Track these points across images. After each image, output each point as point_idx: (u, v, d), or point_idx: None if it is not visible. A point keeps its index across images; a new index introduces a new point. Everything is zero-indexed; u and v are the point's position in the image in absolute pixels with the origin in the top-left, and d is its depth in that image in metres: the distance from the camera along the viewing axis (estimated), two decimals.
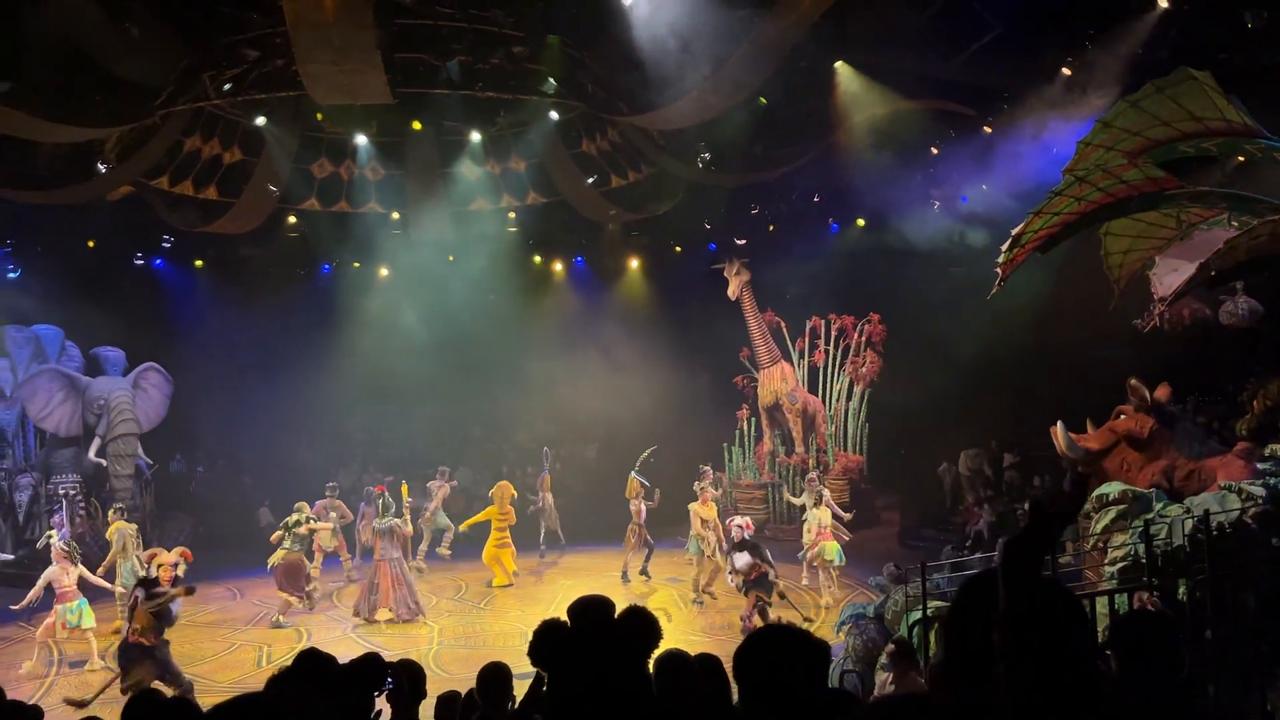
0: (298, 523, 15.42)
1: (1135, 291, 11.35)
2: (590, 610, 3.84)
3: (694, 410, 23.62)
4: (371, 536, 18.16)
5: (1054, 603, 1.66)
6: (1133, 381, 11.30)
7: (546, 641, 3.54)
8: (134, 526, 15.25)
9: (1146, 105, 8.80)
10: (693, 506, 15.94)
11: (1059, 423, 11.55)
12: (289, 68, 15.28)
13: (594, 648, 2.58)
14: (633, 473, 17.42)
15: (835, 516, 15.65)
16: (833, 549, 15.10)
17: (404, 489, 16.27)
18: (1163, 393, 11.30)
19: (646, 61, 14.39)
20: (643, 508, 17.05)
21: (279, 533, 15.51)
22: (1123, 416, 11.40)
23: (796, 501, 17.63)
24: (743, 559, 13.03)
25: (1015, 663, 1.61)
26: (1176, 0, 12.39)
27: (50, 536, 13.92)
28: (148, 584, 10.28)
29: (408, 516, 15.63)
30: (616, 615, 3.85)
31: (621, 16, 13.77)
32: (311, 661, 4.41)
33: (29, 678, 12.04)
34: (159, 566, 10.48)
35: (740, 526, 13.49)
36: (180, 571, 10.58)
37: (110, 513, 15.35)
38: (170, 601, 10.18)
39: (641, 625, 3.64)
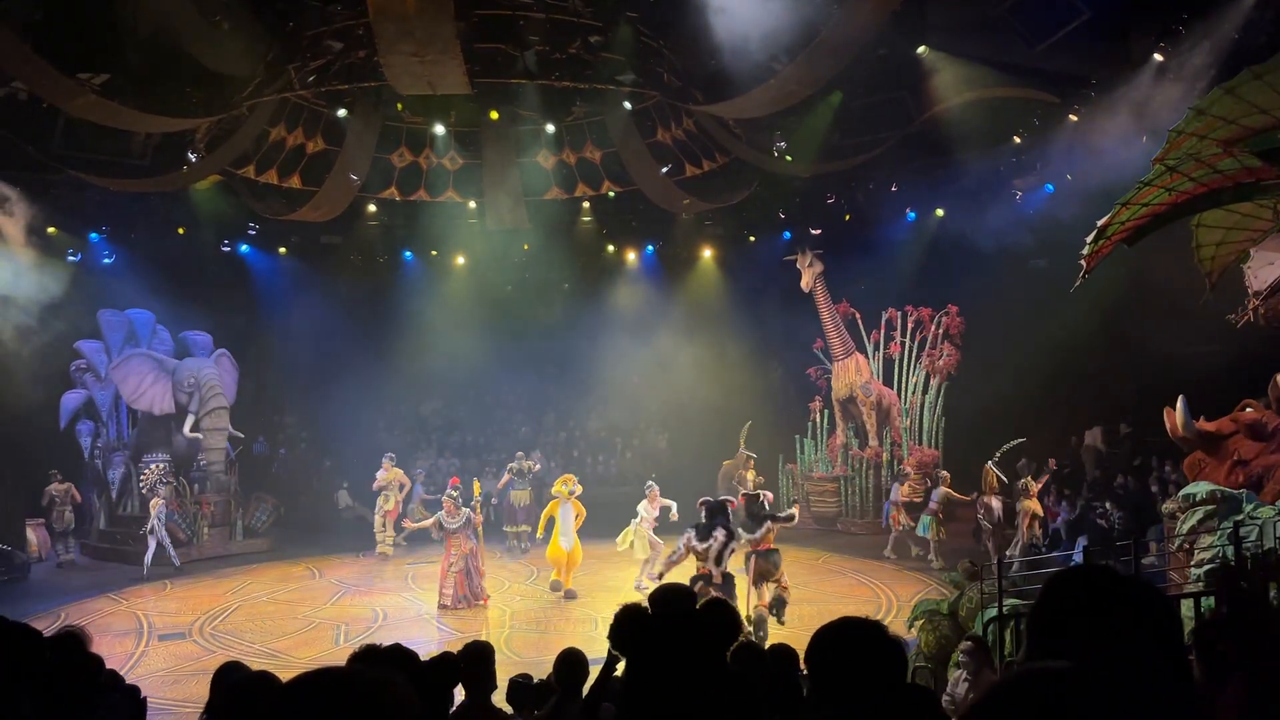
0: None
1: (1228, 286, 10.96)
2: (672, 599, 3.85)
3: (767, 401, 23.51)
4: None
5: (1145, 602, 1.63)
6: (1279, 378, 10.93)
7: (627, 626, 3.55)
8: None
9: (1243, 92, 8.45)
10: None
11: (1180, 400, 11.26)
12: (371, 59, 15.58)
13: (675, 636, 2.59)
14: (990, 464, 16.34)
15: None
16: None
17: (475, 486, 16.50)
18: None
19: (723, 50, 14.32)
20: (995, 504, 15.86)
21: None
22: (1249, 409, 11.08)
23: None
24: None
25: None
26: None
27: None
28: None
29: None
30: (698, 606, 3.85)
31: (699, 4, 13.71)
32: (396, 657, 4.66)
33: None
34: None
35: None
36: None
37: None
38: None
39: (722, 618, 3.65)
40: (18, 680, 2.91)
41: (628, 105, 18.67)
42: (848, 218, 21.94)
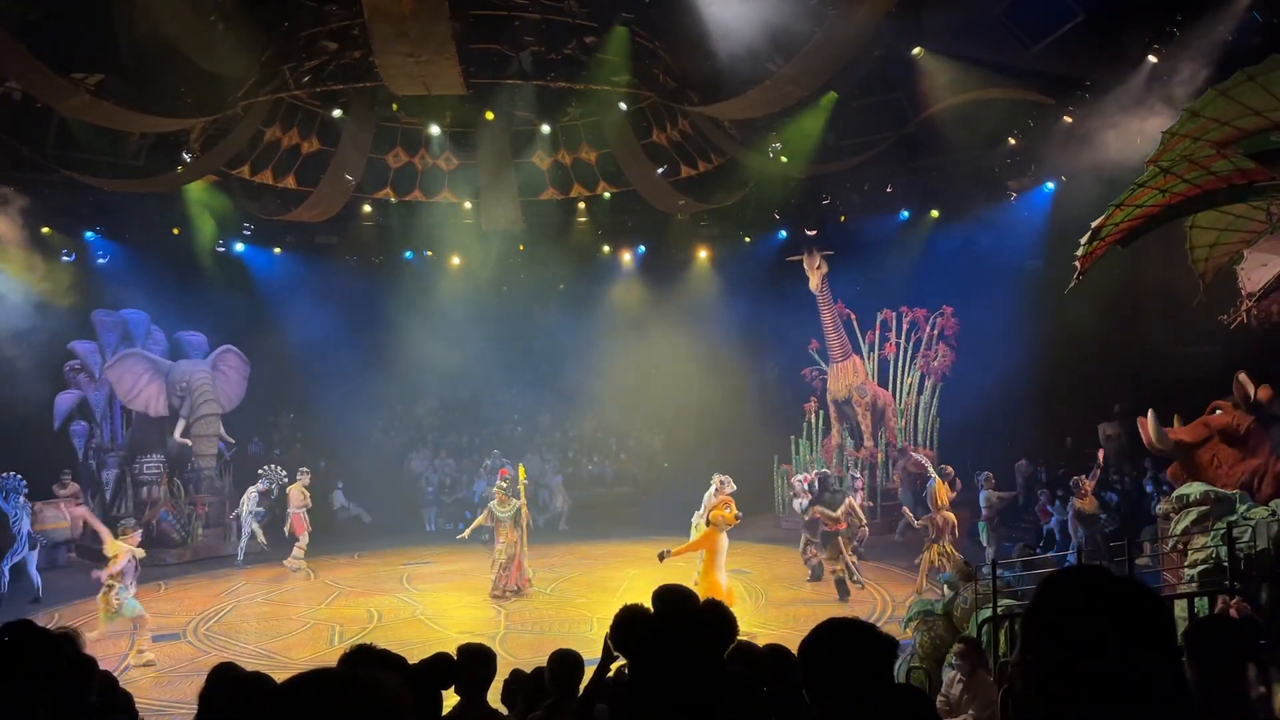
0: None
1: (1222, 287, 10.99)
2: (677, 600, 3.84)
3: (761, 402, 23.52)
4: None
5: (1135, 602, 1.64)
6: (1241, 376, 10.93)
7: (632, 627, 3.54)
8: None
9: (1237, 94, 8.47)
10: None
11: (1150, 413, 11.25)
12: (366, 59, 15.57)
13: (676, 637, 2.59)
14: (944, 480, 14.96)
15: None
16: None
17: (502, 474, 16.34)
18: (1265, 393, 10.95)
19: (718, 51, 14.33)
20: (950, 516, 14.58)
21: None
22: (1219, 411, 11.07)
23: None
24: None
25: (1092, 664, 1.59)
26: None
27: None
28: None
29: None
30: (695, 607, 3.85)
31: (694, 5, 13.71)
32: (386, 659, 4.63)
33: None
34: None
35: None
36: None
37: None
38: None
39: (720, 619, 3.65)
40: (36, 685, 2.91)
41: (623, 106, 18.68)
42: (843, 218, 21.95)
